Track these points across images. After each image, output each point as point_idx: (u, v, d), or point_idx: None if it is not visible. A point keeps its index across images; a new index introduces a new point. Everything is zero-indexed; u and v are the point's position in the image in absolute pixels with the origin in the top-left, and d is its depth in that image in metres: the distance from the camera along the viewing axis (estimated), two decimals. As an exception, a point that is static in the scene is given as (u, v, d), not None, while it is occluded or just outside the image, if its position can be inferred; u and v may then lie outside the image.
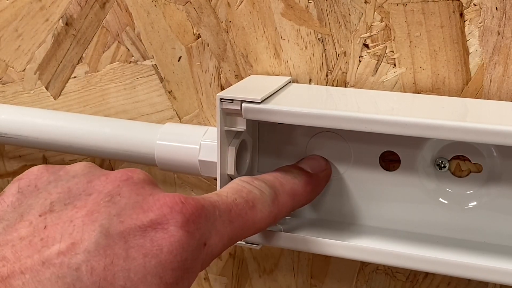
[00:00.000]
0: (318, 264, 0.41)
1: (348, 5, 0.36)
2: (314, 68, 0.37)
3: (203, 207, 0.25)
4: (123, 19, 0.41)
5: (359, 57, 0.36)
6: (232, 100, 0.33)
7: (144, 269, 0.22)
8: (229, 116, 0.34)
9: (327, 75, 0.37)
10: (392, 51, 0.36)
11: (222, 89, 0.40)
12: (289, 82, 0.37)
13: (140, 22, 0.41)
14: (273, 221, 0.30)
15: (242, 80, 0.38)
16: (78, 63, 0.43)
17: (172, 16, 0.40)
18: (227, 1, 0.38)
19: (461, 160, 0.35)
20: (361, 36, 0.36)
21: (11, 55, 0.45)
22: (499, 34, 0.33)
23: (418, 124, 0.30)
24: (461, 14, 0.34)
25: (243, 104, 0.33)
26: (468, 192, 0.35)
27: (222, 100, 0.33)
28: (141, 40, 0.41)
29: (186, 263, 0.24)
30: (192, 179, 0.43)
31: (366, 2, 0.35)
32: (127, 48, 0.42)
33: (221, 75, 0.40)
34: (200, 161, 0.36)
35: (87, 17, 0.42)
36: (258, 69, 0.39)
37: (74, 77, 0.44)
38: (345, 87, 0.37)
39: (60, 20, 0.43)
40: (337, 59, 0.37)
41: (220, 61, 0.39)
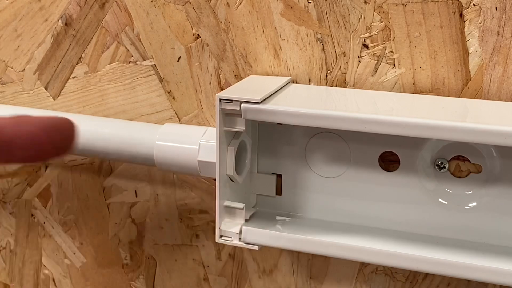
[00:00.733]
0: (318, 265, 0.41)
1: (348, 5, 0.36)
2: (314, 69, 0.37)
3: None
4: (123, 19, 0.41)
5: (359, 58, 0.36)
6: (232, 101, 0.33)
7: None
8: (229, 117, 0.34)
9: (327, 76, 0.37)
10: (392, 52, 0.35)
11: (222, 90, 0.40)
12: (289, 83, 0.37)
13: (140, 22, 0.41)
14: None
15: (242, 81, 0.38)
16: (78, 63, 0.43)
17: (172, 16, 0.40)
18: (227, 1, 0.38)
19: (461, 161, 0.35)
20: (361, 37, 0.36)
21: (11, 55, 0.45)
22: (499, 35, 0.33)
23: (418, 125, 0.30)
24: (461, 15, 0.34)
25: (243, 105, 0.33)
26: (468, 193, 0.35)
27: (222, 101, 0.33)
28: (141, 40, 0.41)
29: None
30: (192, 180, 0.43)
31: (366, 2, 0.35)
32: (127, 48, 0.42)
33: (221, 76, 0.40)
34: (199, 162, 0.36)
35: (87, 17, 0.42)
36: (258, 70, 0.39)
37: (74, 77, 0.44)
38: (345, 88, 0.37)
39: (60, 20, 0.43)
40: (337, 60, 0.37)
41: (220, 62, 0.39)
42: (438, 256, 0.32)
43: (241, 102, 0.33)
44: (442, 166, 0.35)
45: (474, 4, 0.33)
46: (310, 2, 0.36)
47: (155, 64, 0.41)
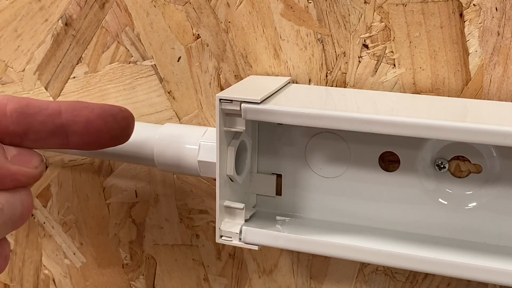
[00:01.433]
0: (318, 265, 0.41)
1: (348, 6, 0.36)
2: (314, 69, 0.37)
3: None
4: (123, 20, 0.41)
5: (359, 58, 0.36)
6: (232, 101, 0.33)
7: None
8: (229, 117, 0.34)
9: (327, 76, 0.37)
10: (392, 52, 0.35)
11: (222, 90, 0.40)
12: (289, 83, 0.37)
13: (140, 23, 0.41)
14: None
15: (242, 81, 0.38)
16: (78, 64, 0.43)
17: (172, 17, 0.40)
18: (227, 2, 0.38)
19: (461, 161, 0.35)
20: (361, 37, 0.36)
21: (11, 56, 0.45)
22: (499, 35, 0.33)
23: (418, 125, 0.30)
24: (461, 15, 0.34)
25: (243, 105, 0.33)
26: (468, 193, 0.35)
27: (222, 101, 0.33)
28: (141, 41, 0.41)
29: None
30: (192, 180, 0.43)
31: (366, 3, 0.35)
32: (127, 49, 0.42)
33: (221, 76, 0.40)
34: (199, 162, 0.36)
35: (87, 18, 0.42)
36: (258, 70, 0.39)
37: (74, 78, 0.44)
38: (345, 88, 0.37)
39: (60, 21, 0.43)
40: (337, 60, 0.37)
41: (220, 62, 0.39)
42: (438, 256, 0.32)
43: (241, 102, 0.33)
44: (442, 166, 0.35)
45: (474, 4, 0.33)
46: (310, 2, 0.36)
47: (155, 64, 0.41)
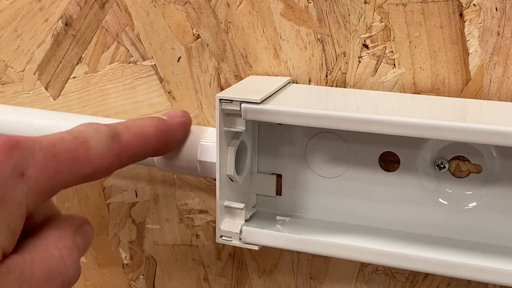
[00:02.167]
0: (318, 265, 0.41)
1: (348, 6, 0.36)
2: (314, 69, 0.37)
3: (18, 141, 0.26)
4: (123, 20, 0.41)
5: (359, 58, 0.36)
6: (232, 101, 0.33)
7: None
8: (229, 117, 0.34)
9: (327, 76, 0.37)
10: (392, 52, 0.35)
11: (222, 90, 0.40)
12: (289, 83, 0.37)
13: (140, 23, 0.41)
14: (118, 159, 0.30)
15: (242, 81, 0.38)
16: (78, 64, 0.43)
17: (172, 17, 0.40)
18: (227, 2, 0.38)
19: (461, 161, 0.35)
20: (361, 37, 0.36)
21: (11, 56, 0.45)
22: (499, 35, 0.33)
23: (418, 125, 0.30)
24: (461, 15, 0.34)
25: (243, 105, 0.33)
26: (468, 193, 0.35)
27: (222, 101, 0.33)
28: (141, 41, 0.41)
29: (1, 190, 0.25)
30: (192, 180, 0.43)
31: (366, 3, 0.35)
32: (127, 49, 0.42)
33: (221, 76, 0.40)
34: (200, 162, 0.36)
35: (87, 18, 0.42)
36: (258, 70, 0.39)
37: (74, 78, 0.44)
38: (345, 88, 0.37)
39: (60, 21, 0.43)
40: (337, 60, 0.37)
41: (220, 62, 0.39)
42: (438, 256, 0.32)
43: (241, 102, 0.33)
44: (442, 166, 0.35)
45: (474, 4, 0.33)
46: (310, 2, 0.36)
47: (155, 64, 0.41)
